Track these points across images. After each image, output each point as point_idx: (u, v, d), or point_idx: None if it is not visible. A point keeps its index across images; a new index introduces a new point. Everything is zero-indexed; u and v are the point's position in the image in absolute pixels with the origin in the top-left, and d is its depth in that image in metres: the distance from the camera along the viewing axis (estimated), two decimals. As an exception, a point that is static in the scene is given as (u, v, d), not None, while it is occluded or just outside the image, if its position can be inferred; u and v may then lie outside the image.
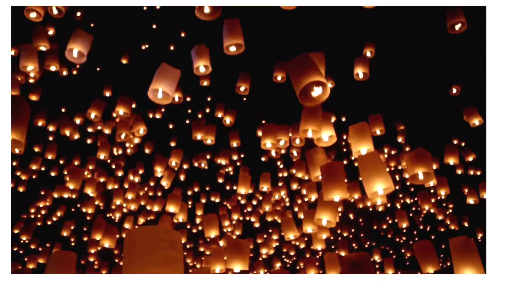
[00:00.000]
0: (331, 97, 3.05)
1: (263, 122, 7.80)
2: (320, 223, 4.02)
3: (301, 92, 2.98)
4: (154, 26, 7.84)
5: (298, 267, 11.28)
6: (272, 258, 10.39)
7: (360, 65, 5.81)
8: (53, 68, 5.77)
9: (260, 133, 7.37)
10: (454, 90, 7.22)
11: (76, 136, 7.43)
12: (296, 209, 9.34)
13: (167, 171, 7.87)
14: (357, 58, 5.91)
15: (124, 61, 7.91)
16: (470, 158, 8.86)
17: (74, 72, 7.13)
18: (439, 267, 4.07)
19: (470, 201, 8.16)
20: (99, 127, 7.55)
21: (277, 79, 5.96)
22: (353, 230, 11.54)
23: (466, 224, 11.13)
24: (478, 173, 9.09)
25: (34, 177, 8.61)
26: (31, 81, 5.97)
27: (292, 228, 5.81)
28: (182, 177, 9.10)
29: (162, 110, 8.43)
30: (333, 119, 7.42)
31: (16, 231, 9.24)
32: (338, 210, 4.41)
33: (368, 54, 6.20)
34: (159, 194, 9.32)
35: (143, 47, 8.10)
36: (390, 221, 12.14)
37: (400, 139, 8.77)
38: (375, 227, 12.50)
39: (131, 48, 8.05)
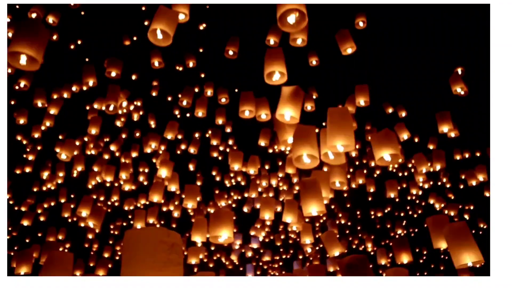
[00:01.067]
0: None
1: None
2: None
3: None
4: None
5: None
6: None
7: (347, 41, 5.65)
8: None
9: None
10: (459, 72, 6.96)
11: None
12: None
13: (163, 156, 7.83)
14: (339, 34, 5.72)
15: (126, 43, 7.85)
16: (466, 155, 8.96)
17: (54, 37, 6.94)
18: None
19: (473, 182, 8.17)
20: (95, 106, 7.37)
21: (269, 43, 5.83)
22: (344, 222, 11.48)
23: (467, 217, 11.13)
24: (478, 154, 9.14)
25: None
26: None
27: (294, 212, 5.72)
28: (179, 151, 9.13)
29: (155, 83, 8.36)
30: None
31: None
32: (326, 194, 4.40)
33: (361, 24, 6.11)
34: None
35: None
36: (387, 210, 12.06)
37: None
38: (372, 217, 12.43)
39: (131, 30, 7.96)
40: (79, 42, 7.83)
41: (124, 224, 9.78)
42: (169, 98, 8.96)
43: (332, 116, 3.46)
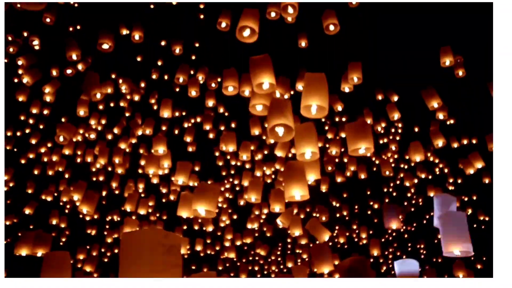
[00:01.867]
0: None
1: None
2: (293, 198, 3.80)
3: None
4: None
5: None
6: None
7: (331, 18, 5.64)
8: None
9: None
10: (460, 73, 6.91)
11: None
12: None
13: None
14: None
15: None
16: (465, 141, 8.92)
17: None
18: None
19: (470, 171, 8.11)
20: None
21: (221, 26, 5.89)
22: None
23: (469, 211, 11.09)
24: (474, 141, 9.11)
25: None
26: None
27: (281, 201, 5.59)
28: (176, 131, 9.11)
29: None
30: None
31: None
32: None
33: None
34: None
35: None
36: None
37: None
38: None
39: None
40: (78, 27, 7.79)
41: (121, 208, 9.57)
42: (166, 77, 8.86)
43: (308, 80, 3.52)
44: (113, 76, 8.25)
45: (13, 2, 4.58)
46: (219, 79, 7.51)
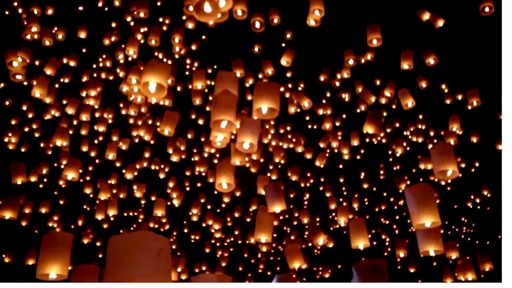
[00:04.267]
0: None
1: None
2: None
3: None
4: None
5: None
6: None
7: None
8: None
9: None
10: (487, 9, 6.17)
11: None
12: None
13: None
14: None
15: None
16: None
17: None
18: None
19: (451, 141, 7.66)
20: None
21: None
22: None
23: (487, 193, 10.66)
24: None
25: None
26: None
27: None
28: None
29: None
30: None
31: None
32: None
33: None
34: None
35: None
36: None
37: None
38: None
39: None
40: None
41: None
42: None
43: (259, 87, 3.67)
44: None
45: None
46: None
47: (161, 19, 7.68)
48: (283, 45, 7.63)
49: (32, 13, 6.61)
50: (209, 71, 8.49)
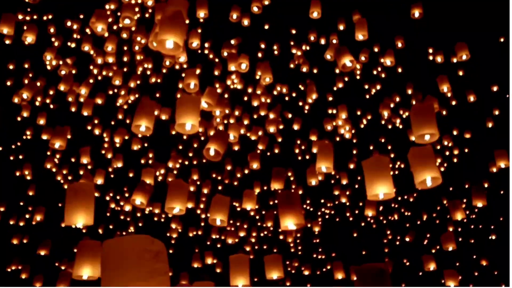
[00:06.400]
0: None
1: None
2: None
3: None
4: None
5: None
6: None
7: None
8: None
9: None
10: None
11: None
12: None
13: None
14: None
15: None
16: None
17: None
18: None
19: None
20: None
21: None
22: None
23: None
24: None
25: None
26: None
27: None
28: None
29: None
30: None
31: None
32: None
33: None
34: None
35: None
36: None
37: None
38: None
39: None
40: None
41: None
42: None
43: (181, 101, 3.93)
44: None
45: None
46: None
47: None
48: None
49: None
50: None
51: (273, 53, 8.81)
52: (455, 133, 9.64)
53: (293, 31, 8.79)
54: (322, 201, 12.07)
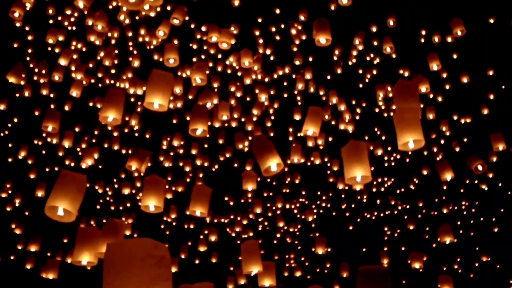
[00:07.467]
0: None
1: None
2: None
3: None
4: None
5: None
6: None
7: None
8: None
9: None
10: None
11: None
12: None
13: None
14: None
15: None
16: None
17: None
18: None
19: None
20: None
21: None
22: None
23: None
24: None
25: None
26: None
27: None
28: None
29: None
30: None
31: None
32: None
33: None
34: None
35: None
36: None
37: None
38: None
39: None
40: None
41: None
42: None
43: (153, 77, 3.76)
44: None
45: None
46: None
47: None
48: None
49: None
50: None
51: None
52: (455, 118, 9.56)
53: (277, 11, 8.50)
54: (319, 193, 12.06)
